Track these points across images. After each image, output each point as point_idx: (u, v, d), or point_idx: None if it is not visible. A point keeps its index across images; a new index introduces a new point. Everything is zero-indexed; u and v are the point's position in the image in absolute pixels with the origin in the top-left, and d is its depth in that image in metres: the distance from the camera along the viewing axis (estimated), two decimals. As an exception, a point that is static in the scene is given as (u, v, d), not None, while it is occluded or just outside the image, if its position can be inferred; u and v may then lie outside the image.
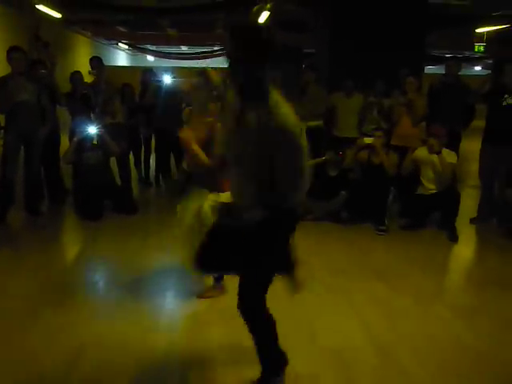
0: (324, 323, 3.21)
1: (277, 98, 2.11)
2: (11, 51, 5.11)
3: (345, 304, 3.51)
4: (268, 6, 9.65)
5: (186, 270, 2.90)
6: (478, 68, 24.28)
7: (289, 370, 2.63)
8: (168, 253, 4.28)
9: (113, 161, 6.03)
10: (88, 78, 6.91)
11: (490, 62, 18.92)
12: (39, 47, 6.16)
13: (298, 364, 2.70)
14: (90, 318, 3.23)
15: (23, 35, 10.74)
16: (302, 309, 3.39)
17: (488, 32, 12.92)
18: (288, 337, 2.97)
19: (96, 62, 6.49)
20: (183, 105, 6.49)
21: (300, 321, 3.22)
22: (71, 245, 5.02)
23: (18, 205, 5.45)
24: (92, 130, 5.52)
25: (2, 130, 5.40)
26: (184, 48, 22.99)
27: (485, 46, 14.66)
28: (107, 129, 5.70)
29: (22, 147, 5.31)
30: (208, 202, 2.92)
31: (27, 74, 5.27)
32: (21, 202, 5.50)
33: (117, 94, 6.41)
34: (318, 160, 5.58)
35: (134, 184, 6.93)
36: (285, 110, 2.09)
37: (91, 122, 5.66)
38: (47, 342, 2.90)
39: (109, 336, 2.98)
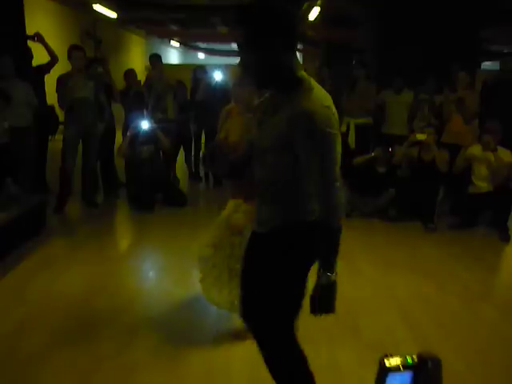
0: (368, 318, 3.23)
1: (313, 85, 1.75)
2: (72, 50, 5.36)
3: (389, 299, 3.51)
4: (318, 2, 9.63)
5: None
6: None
7: (332, 363, 2.69)
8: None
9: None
10: (143, 75, 7.14)
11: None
12: (92, 45, 6.39)
13: (341, 358, 2.75)
14: (141, 305, 3.39)
15: (79, 34, 11.21)
16: (346, 303, 3.41)
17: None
18: (331, 330, 3.04)
19: (154, 58, 6.74)
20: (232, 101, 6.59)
21: (343, 314, 3.24)
22: (125, 235, 5.25)
23: (76, 197, 5.73)
24: (145, 125, 5.72)
25: (62, 126, 5.70)
26: (234, 45, 23.20)
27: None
28: (159, 124, 5.89)
29: (81, 142, 5.58)
30: (238, 216, 2.82)
31: (86, 72, 5.52)
32: (78, 194, 5.78)
33: (169, 90, 6.60)
34: (367, 156, 5.57)
35: (184, 178, 7.13)
36: (319, 95, 1.72)
37: (144, 117, 5.85)
38: (100, 326, 3.07)
39: (158, 320, 3.12)
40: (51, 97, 5.95)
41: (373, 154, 5.58)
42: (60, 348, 2.81)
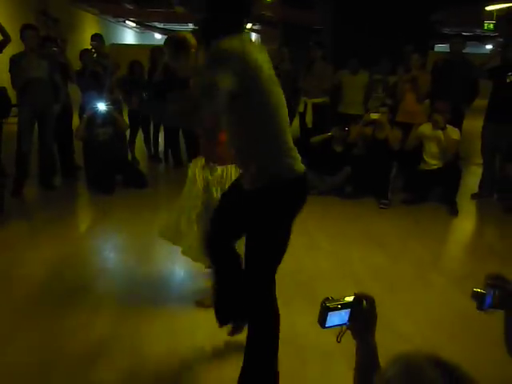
0: (325, 288, 3.38)
1: (243, 38, 1.93)
2: (24, 29, 5.23)
3: (345, 271, 3.69)
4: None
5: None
6: (489, 46, 23.98)
7: (290, 327, 2.83)
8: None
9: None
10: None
11: (501, 40, 18.70)
12: (48, 24, 6.24)
13: (298, 322, 2.89)
14: (103, 283, 3.44)
15: (31, 12, 10.85)
16: (305, 275, 3.58)
17: (498, 10, 12.81)
18: (291, 298, 3.18)
19: (96, 36, 6.82)
20: (191, 81, 6.60)
21: (302, 286, 3.40)
22: (84, 217, 5.22)
23: (33, 179, 5.64)
24: (101, 106, 5.66)
25: (16, 108, 5.57)
26: (192, 25, 22.89)
27: (494, 24, 14.52)
28: (115, 105, 5.83)
29: (36, 123, 5.48)
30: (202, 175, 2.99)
31: (39, 51, 5.40)
32: (35, 176, 5.69)
33: (116, 69, 6.59)
34: (324, 135, 5.72)
35: (144, 160, 7.11)
36: (237, 40, 1.88)
37: (100, 98, 5.79)
38: (63, 306, 3.11)
39: (121, 296, 3.19)
40: (3, 78, 5.80)
41: (330, 134, 5.73)
42: (23, 329, 2.84)
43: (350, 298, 1.32)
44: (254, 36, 24.49)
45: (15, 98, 5.55)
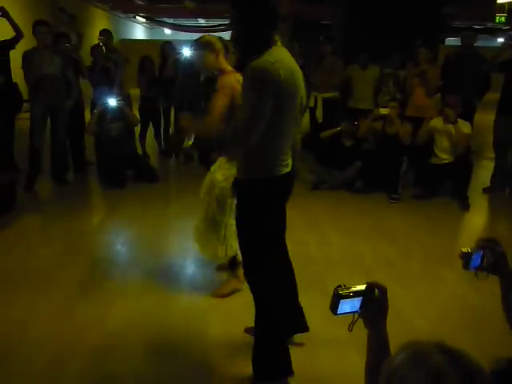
0: (336, 282, 3.35)
1: (275, 53, 2.04)
2: (37, 25, 5.28)
3: (356, 265, 3.70)
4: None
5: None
6: (500, 39, 23.73)
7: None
8: (187, 219, 4.52)
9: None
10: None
11: (513, 32, 18.46)
12: (65, 20, 6.31)
13: (310, 321, 2.90)
14: (116, 276, 3.47)
15: (45, 8, 10.92)
16: (316, 268, 3.59)
17: (510, 3, 12.66)
18: (303, 292, 3.19)
19: (105, 31, 6.92)
20: (202, 77, 6.62)
21: (314, 280, 3.41)
22: (96, 212, 5.26)
23: (45, 175, 5.70)
24: (112, 101, 5.70)
25: (27, 103, 5.62)
26: (201, 21, 22.88)
27: (506, 17, 14.35)
28: (126, 100, 5.86)
29: (49, 119, 5.53)
30: (220, 173, 3.07)
31: (52, 48, 5.45)
32: (47, 171, 5.75)
33: (126, 64, 6.66)
34: (334, 130, 5.72)
35: (154, 155, 7.15)
36: (268, 57, 1.99)
37: (111, 93, 5.83)
38: (76, 298, 3.15)
39: (134, 289, 3.23)
40: (16, 74, 5.85)
41: (339, 128, 5.72)
42: (35, 323, 2.87)
43: (362, 287, 1.34)
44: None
45: (26, 93, 5.61)
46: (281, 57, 2.05)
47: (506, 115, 5.37)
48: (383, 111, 5.57)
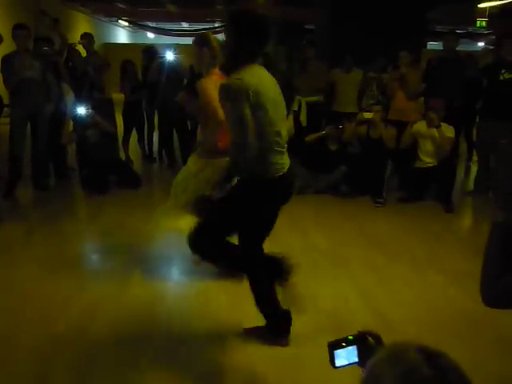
0: (322, 287, 3.37)
1: (251, 71, 2.40)
2: (16, 28, 5.18)
3: (342, 270, 3.67)
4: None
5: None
6: (481, 44, 24.05)
7: (291, 331, 2.81)
8: (170, 224, 4.46)
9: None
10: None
11: (494, 37, 18.73)
12: (47, 23, 6.21)
13: (297, 325, 2.87)
14: (96, 285, 3.40)
15: (26, 12, 10.77)
16: (302, 274, 3.54)
17: (491, 7, 12.83)
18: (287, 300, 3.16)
19: (86, 35, 6.90)
20: (185, 81, 6.58)
21: (300, 285, 3.36)
22: (79, 217, 5.15)
23: (25, 180, 5.58)
24: (81, 110, 5.58)
25: (8, 108, 5.51)
26: (185, 25, 22.82)
27: (487, 22, 14.54)
28: (97, 105, 5.73)
29: (29, 124, 5.42)
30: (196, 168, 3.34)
31: (32, 51, 5.35)
32: (28, 177, 5.64)
33: (106, 68, 6.57)
34: (319, 134, 5.71)
35: (138, 159, 7.07)
36: (242, 75, 2.35)
37: (81, 101, 5.72)
38: (60, 304, 3.08)
39: (116, 299, 3.16)
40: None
41: (324, 132, 5.72)
42: (19, 335, 2.80)
43: (353, 336, 1.33)
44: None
45: (7, 98, 5.50)
46: (253, 74, 2.39)
47: (488, 119, 5.41)
48: (367, 115, 5.58)
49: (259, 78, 2.42)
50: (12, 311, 3.02)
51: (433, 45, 17.56)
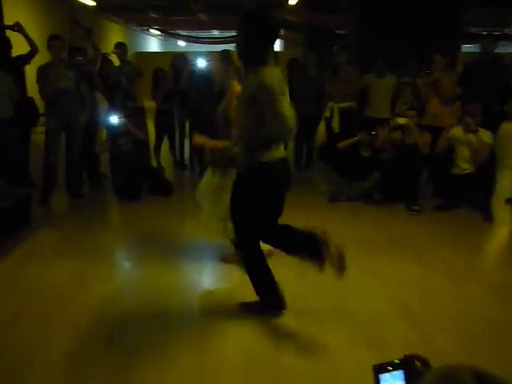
0: (355, 298, 3.29)
1: (271, 69, 2.61)
2: (51, 39, 5.28)
3: (376, 280, 3.58)
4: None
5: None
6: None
7: (322, 343, 2.75)
8: (203, 232, 4.46)
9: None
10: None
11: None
12: (81, 33, 6.32)
13: (333, 339, 2.80)
14: (130, 294, 3.40)
15: (61, 22, 11.04)
16: (334, 284, 3.47)
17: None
18: (320, 311, 3.10)
19: (120, 45, 6.98)
20: (216, 88, 6.57)
21: (332, 295, 3.31)
22: (111, 226, 5.19)
23: (60, 188, 5.68)
24: (114, 119, 5.65)
25: (44, 117, 5.62)
26: (215, 32, 23.02)
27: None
28: (130, 114, 5.78)
29: (63, 133, 5.52)
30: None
31: (66, 62, 5.45)
32: (62, 185, 5.73)
33: (139, 77, 6.66)
34: (351, 140, 5.61)
35: (169, 167, 7.11)
36: (269, 73, 2.57)
37: (114, 110, 5.78)
38: (90, 317, 3.08)
39: (148, 309, 3.15)
40: (31, 88, 5.87)
41: (357, 138, 5.62)
42: (52, 340, 2.82)
43: (400, 359, 1.26)
44: (277, 41, 24.46)
45: (42, 108, 5.61)
46: (270, 74, 2.59)
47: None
48: (401, 121, 5.46)
49: (277, 79, 2.62)
50: (47, 316, 3.05)
51: (468, 48, 17.17)
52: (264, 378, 2.46)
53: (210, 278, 3.75)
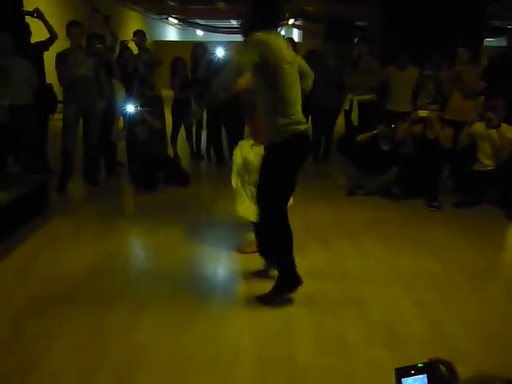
0: (373, 294, 3.22)
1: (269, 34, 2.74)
2: (71, 26, 5.26)
3: (394, 276, 3.51)
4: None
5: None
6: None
7: (339, 339, 2.70)
8: (218, 226, 4.44)
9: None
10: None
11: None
12: (99, 20, 6.29)
13: (348, 334, 2.75)
14: (146, 283, 3.38)
15: (79, 9, 11.03)
16: (352, 279, 3.43)
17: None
18: (337, 306, 3.05)
19: (138, 33, 6.91)
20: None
21: (349, 290, 3.26)
22: (127, 214, 5.17)
23: (77, 175, 5.68)
24: (130, 108, 5.59)
25: (62, 104, 5.62)
26: (233, 22, 22.87)
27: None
28: (147, 102, 5.73)
29: (81, 120, 5.51)
30: (253, 152, 3.48)
31: (85, 49, 5.43)
32: (79, 172, 5.73)
33: (158, 65, 6.64)
34: (370, 133, 5.51)
35: (186, 157, 7.08)
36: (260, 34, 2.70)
37: (132, 98, 5.75)
38: (106, 304, 3.07)
39: (164, 298, 3.12)
40: (50, 75, 5.86)
41: (376, 131, 5.52)
42: (66, 328, 2.81)
43: (424, 363, 1.22)
44: (295, 32, 24.26)
45: (60, 95, 5.61)
46: (271, 36, 2.74)
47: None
48: (422, 113, 5.35)
49: (279, 41, 2.80)
50: (53, 313, 3.03)
51: (490, 41, 16.84)
52: (278, 375, 2.42)
53: (226, 268, 3.71)
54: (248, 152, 3.53)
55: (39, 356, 2.54)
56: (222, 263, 3.78)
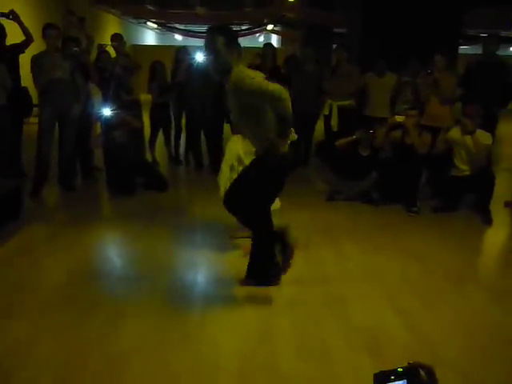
0: (356, 302, 3.21)
1: (240, 68, 3.03)
2: (47, 28, 5.15)
3: (375, 282, 3.50)
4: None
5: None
6: (512, 48, 23.48)
7: (322, 348, 2.67)
8: (197, 231, 4.38)
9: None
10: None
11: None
12: (74, 22, 6.19)
13: (330, 343, 2.73)
14: (123, 291, 3.31)
15: (55, 12, 10.87)
16: (333, 285, 3.41)
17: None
18: (319, 314, 3.02)
19: (116, 36, 6.83)
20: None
21: (331, 298, 3.23)
22: (104, 221, 5.06)
23: (52, 180, 5.55)
24: (106, 112, 5.51)
25: (37, 108, 5.49)
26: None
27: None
28: (124, 106, 5.65)
29: (57, 124, 5.39)
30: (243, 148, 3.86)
31: (61, 51, 5.32)
32: (54, 177, 5.60)
33: (138, 70, 6.56)
34: (349, 139, 5.53)
35: (164, 162, 7.00)
36: (248, 74, 3.01)
37: (108, 101, 5.66)
38: (82, 313, 2.99)
39: (143, 306, 3.05)
40: (25, 78, 5.73)
41: (355, 137, 5.54)
42: (43, 335, 2.73)
43: (403, 368, 1.18)
44: (274, 37, 24.38)
45: (36, 97, 5.48)
46: (255, 74, 3.04)
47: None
48: (399, 119, 5.40)
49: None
50: (29, 323, 2.94)
51: (464, 49, 17.17)
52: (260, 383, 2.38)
53: (205, 274, 3.65)
54: (239, 148, 3.93)
55: (13, 368, 2.45)
56: (201, 269, 3.72)
